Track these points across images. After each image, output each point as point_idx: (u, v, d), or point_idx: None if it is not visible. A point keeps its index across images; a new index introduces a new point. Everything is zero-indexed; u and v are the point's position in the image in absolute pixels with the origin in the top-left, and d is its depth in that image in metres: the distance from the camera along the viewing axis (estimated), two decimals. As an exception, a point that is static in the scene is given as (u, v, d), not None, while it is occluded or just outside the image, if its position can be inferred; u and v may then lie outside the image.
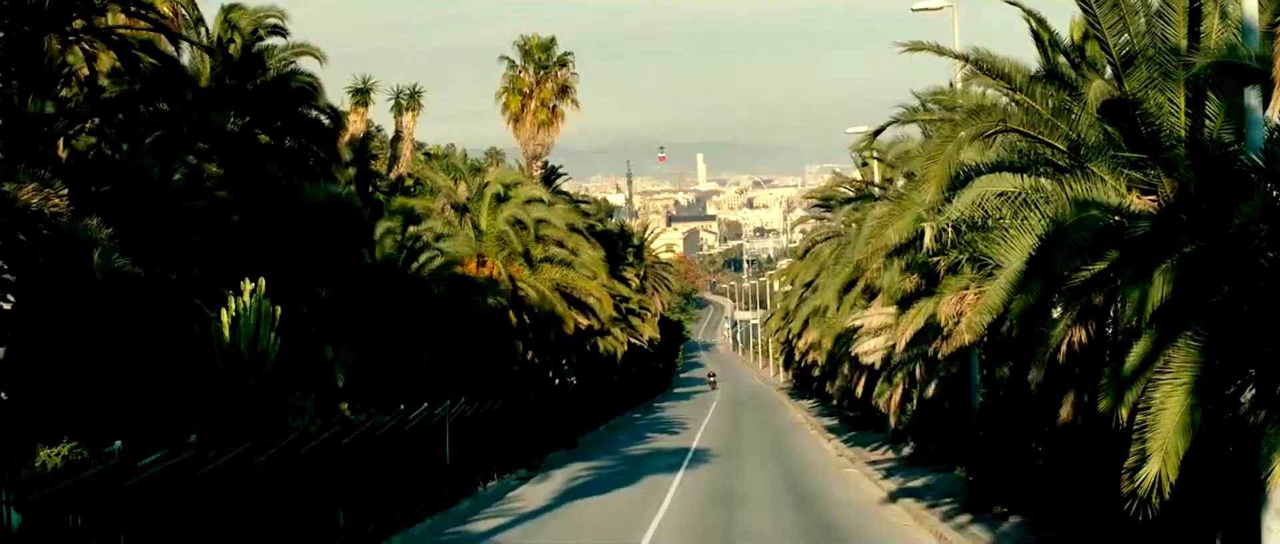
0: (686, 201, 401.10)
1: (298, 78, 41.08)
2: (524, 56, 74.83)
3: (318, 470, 27.25)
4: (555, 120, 74.52)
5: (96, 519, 17.90)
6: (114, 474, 18.42)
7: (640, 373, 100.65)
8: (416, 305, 43.60)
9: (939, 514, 30.83)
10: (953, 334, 22.62)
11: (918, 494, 35.05)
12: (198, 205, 33.25)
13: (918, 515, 31.77)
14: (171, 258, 29.45)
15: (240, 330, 27.87)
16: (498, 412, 44.83)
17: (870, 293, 42.10)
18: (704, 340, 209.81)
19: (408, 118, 62.71)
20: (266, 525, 24.14)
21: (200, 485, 21.34)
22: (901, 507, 33.96)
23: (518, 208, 53.62)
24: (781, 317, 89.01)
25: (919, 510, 32.20)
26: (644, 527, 31.51)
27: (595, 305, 55.68)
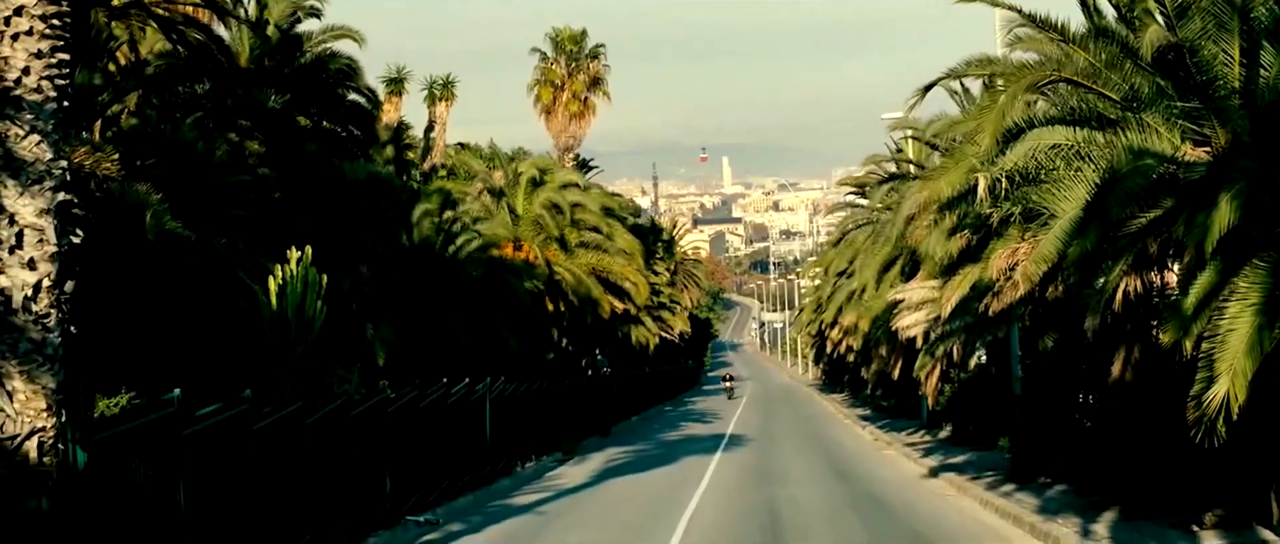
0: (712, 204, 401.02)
1: (336, 59, 41.22)
2: (555, 48, 75.03)
3: (365, 436, 27.36)
4: (586, 112, 74.70)
5: (156, 465, 17.99)
6: (173, 421, 18.53)
7: (671, 368, 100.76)
8: (454, 287, 43.75)
9: (982, 485, 30.77)
10: (1002, 291, 22.60)
11: (959, 469, 34.97)
12: (241, 180, 33.44)
13: (961, 487, 31.73)
14: (216, 230, 29.61)
15: (287, 298, 28.05)
16: (535, 393, 44.97)
17: (910, 271, 42.07)
18: (732, 340, 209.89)
19: (441, 107, 62.93)
20: (316, 485, 24.24)
21: (254, 440, 21.46)
22: (944, 480, 33.92)
23: (553, 192, 53.75)
24: (813, 308, 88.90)
25: (962, 482, 32.15)
26: (686, 499, 31.53)
27: (631, 289, 55.75)
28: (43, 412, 14.66)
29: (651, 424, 67.88)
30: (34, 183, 14.49)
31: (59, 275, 14.70)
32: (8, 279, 14.48)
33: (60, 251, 14.72)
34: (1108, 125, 20.25)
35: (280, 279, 28.03)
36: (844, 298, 58.87)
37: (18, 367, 14.55)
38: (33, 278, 14.53)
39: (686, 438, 55.70)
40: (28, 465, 14.61)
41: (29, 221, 14.46)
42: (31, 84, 14.48)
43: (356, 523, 26.29)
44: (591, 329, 58.39)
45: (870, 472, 38.25)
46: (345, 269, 37.67)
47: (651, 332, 73.93)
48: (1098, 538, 21.09)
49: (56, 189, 14.75)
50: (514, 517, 30.13)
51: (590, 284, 52.65)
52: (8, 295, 14.49)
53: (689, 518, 27.72)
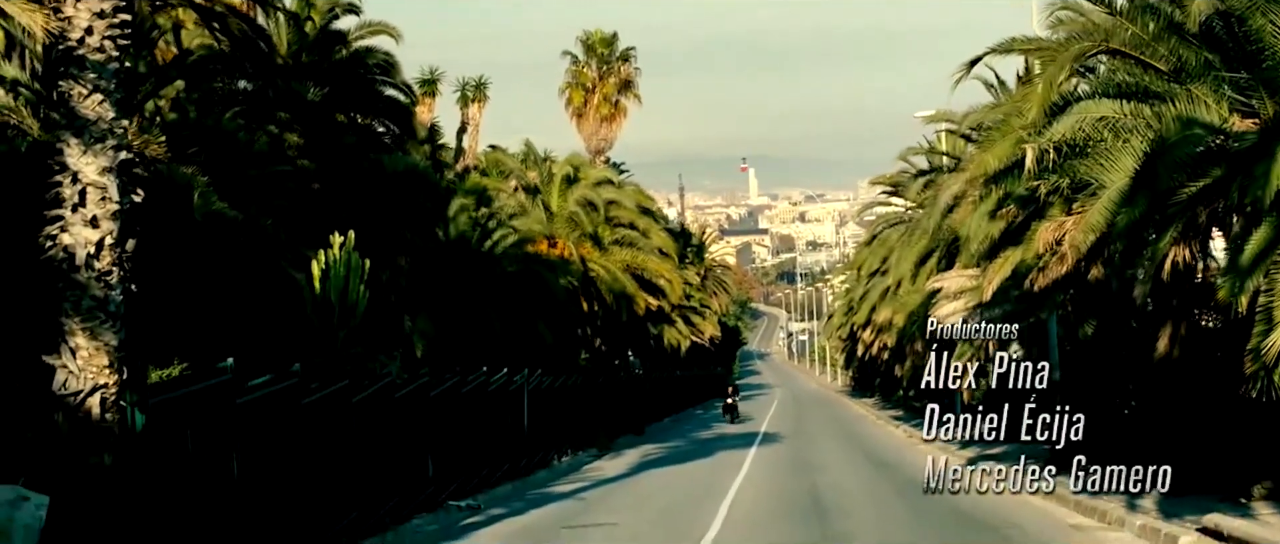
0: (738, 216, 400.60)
1: (374, 54, 41.42)
2: (586, 51, 75.16)
3: (408, 419, 27.53)
4: (617, 115, 74.80)
5: (210, 432, 18.14)
6: (227, 390, 18.68)
7: (701, 373, 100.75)
8: (490, 282, 43.91)
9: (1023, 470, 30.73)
10: (1048, 266, 22.63)
11: (997, 459, 34.91)
12: (282, 170, 33.64)
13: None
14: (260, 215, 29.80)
15: (330, 282, 28.20)
16: (571, 388, 45.11)
17: (947, 263, 42.05)
18: (759, 350, 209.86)
19: (474, 109, 63.12)
20: (361, 465, 24.38)
21: (303, 415, 21.61)
22: (983, 469, 33.86)
23: (588, 189, 53.90)
24: (844, 311, 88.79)
25: (1003, 468, 32.10)
26: (726, 486, 31.58)
27: (665, 286, 55.86)
28: (105, 368, 14.82)
29: (683, 425, 67.93)
30: (97, 141, 14.66)
31: (121, 233, 14.86)
32: (71, 236, 14.65)
33: (122, 210, 14.89)
34: (1154, 99, 20.31)
35: (323, 263, 28.19)
36: (877, 296, 58.86)
37: (81, 323, 14.71)
38: (95, 236, 14.70)
39: (720, 436, 55.75)
40: (90, 421, 14.76)
41: (92, 180, 14.63)
42: (94, 43, 14.65)
43: (400, 504, 26.44)
44: (624, 330, 58.50)
45: (908, 461, 38.25)
46: (384, 261, 37.83)
47: (683, 334, 73.98)
48: (1144, 511, 21.10)
49: (118, 148, 14.92)
50: (555, 502, 30.23)
51: (625, 280, 52.77)
52: (71, 253, 14.66)
53: (730, 501, 27.80)
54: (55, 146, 14.75)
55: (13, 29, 30.43)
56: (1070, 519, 23.32)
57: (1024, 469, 30.35)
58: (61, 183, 14.60)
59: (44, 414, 15.13)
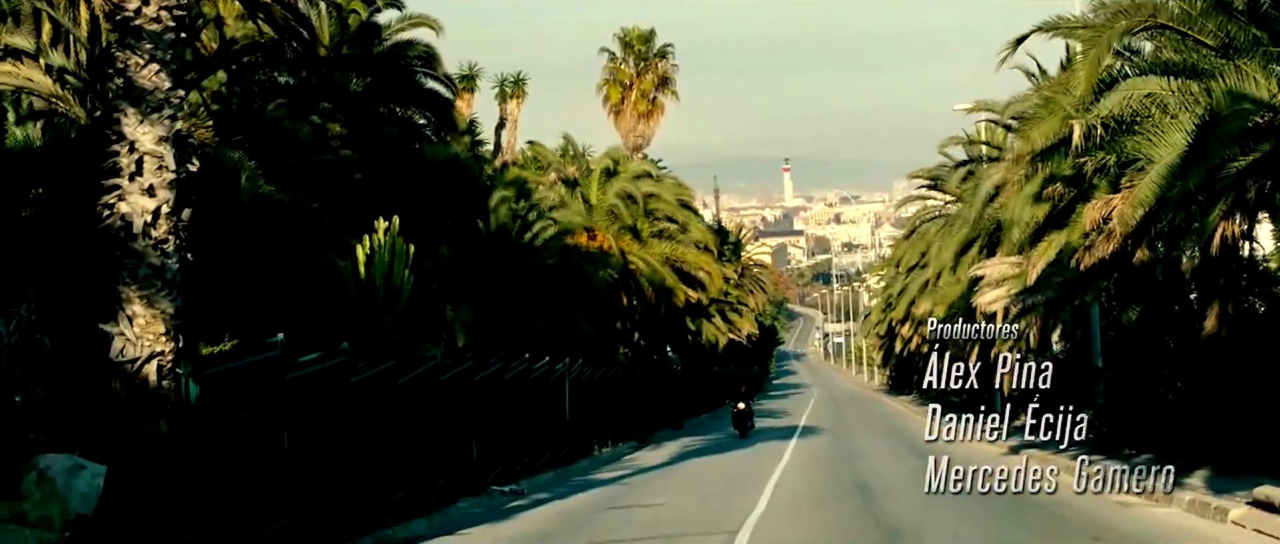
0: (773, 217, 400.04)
1: (415, 46, 41.64)
2: (624, 48, 75.33)
3: (453, 403, 27.63)
4: (655, 112, 74.95)
5: (261, 406, 18.27)
6: (277, 365, 18.80)
7: (738, 371, 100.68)
8: (530, 273, 44.05)
9: (1066, 457, 30.70)
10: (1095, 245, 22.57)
11: (1040, 447, 34.88)
12: (325, 158, 33.85)
13: (1044, 459, 31.57)
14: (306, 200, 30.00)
15: (375, 267, 28.37)
16: (611, 380, 45.21)
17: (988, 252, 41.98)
18: (795, 350, 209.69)
19: (512, 105, 63.33)
20: (407, 445, 24.49)
21: (351, 393, 21.73)
22: (1025, 455, 33.80)
23: (628, 182, 53.99)
24: (882, 308, 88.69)
25: (1044, 455, 32.03)
26: (769, 472, 31.60)
27: (705, 279, 55.91)
28: (161, 336, 14.97)
29: (721, 421, 67.87)
30: (153, 111, 14.80)
31: (177, 202, 15.00)
32: (128, 205, 14.79)
33: (178, 179, 15.02)
34: (1202, 76, 20.27)
35: (368, 248, 28.36)
36: (917, 289, 58.79)
37: (138, 291, 14.85)
38: (152, 204, 14.84)
39: (759, 429, 55.67)
40: (147, 388, 14.90)
41: (148, 149, 14.77)
42: (151, 14, 14.79)
43: (445, 487, 26.56)
44: (663, 325, 58.56)
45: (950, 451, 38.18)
46: (426, 250, 38.02)
47: (721, 330, 74.03)
48: (1192, 487, 21.07)
49: (174, 118, 15.07)
50: (598, 487, 30.33)
51: (665, 273, 52.85)
52: (128, 221, 14.80)
53: (774, 485, 27.83)
54: (112, 118, 14.90)
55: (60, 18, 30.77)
56: (1117, 498, 23.28)
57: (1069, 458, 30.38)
58: (118, 152, 14.75)
59: (101, 382, 15.27)
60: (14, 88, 30.29)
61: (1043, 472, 30.06)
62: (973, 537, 18.91)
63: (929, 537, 18.84)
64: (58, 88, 30.51)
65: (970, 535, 18.96)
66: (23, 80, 30.04)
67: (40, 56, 30.50)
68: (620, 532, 21.00)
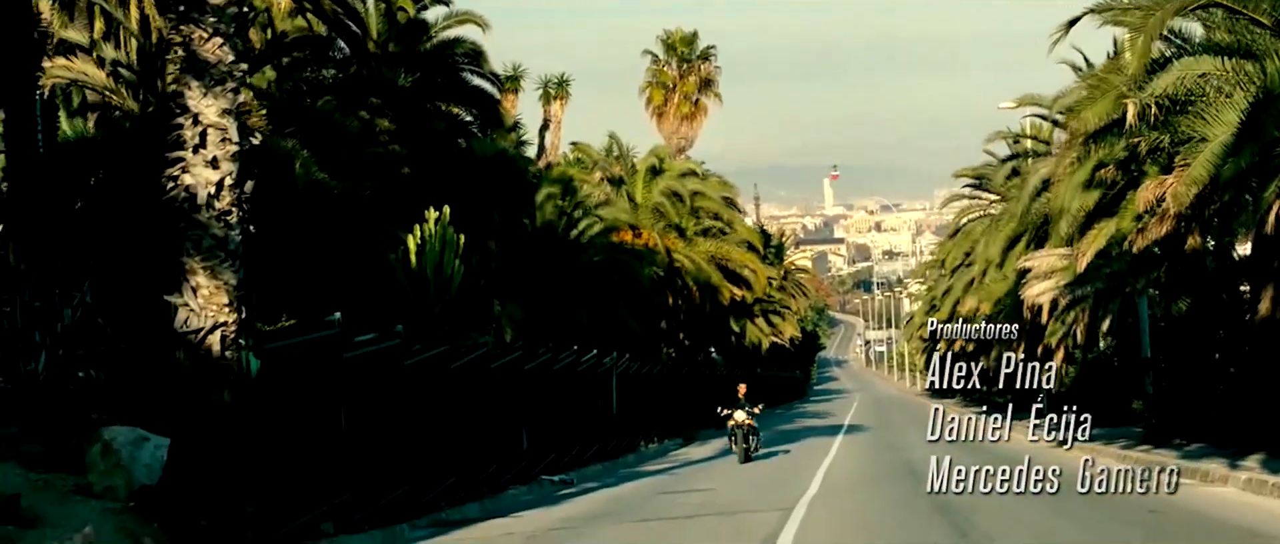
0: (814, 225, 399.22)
1: (462, 43, 41.85)
2: (667, 50, 75.40)
3: (503, 390, 27.76)
4: (698, 114, 74.95)
5: (318, 384, 18.43)
6: (334, 344, 18.96)
7: (780, 374, 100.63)
8: (576, 270, 44.24)
9: (1117, 447, 30.68)
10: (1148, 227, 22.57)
11: (1089, 441, 34.78)
12: (374, 151, 34.08)
13: (1095, 451, 31.54)
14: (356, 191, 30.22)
15: (426, 256, 28.54)
16: (656, 377, 45.36)
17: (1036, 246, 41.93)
18: (836, 357, 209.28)
19: (556, 106, 63.40)
20: (459, 431, 24.62)
21: (405, 376, 21.88)
22: (1076, 449, 33.74)
23: (673, 180, 54.12)
24: (925, 309, 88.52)
25: (1095, 447, 31.97)
26: (817, 463, 31.64)
27: (750, 277, 55.98)
28: (225, 307, 15.11)
29: (765, 421, 67.87)
30: (216, 84, 14.95)
31: (239, 175, 15.15)
32: (192, 177, 14.95)
33: (240, 151, 15.18)
34: (1255, 56, 20.25)
35: (419, 238, 28.53)
36: (961, 288, 58.71)
37: (201, 262, 15.00)
38: (215, 176, 14.99)
39: (804, 428, 55.76)
40: (211, 359, 15.06)
41: (212, 121, 14.92)
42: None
43: (497, 473, 26.68)
44: (707, 324, 58.63)
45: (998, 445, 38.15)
46: (474, 245, 38.20)
47: (764, 332, 74.05)
48: (1247, 468, 21.03)
49: (237, 91, 15.23)
50: (648, 478, 30.41)
51: (710, 270, 52.94)
52: (192, 193, 14.95)
53: (824, 473, 27.89)
54: (175, 92, 15.08)
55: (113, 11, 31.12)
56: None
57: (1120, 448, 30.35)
58: (182, 125, 14.91)
59: (165, 354, 15.45)
60: (69, 81, 30.71)
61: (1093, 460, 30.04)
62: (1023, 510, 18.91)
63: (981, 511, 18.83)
64: (111, 81, 30.91)
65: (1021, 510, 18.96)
66: (78, 74, 30.45)
67: (93, 50, 30.90)
68: (673, 512, 21.10)
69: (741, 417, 33.42)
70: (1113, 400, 39.32)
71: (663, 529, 18.83)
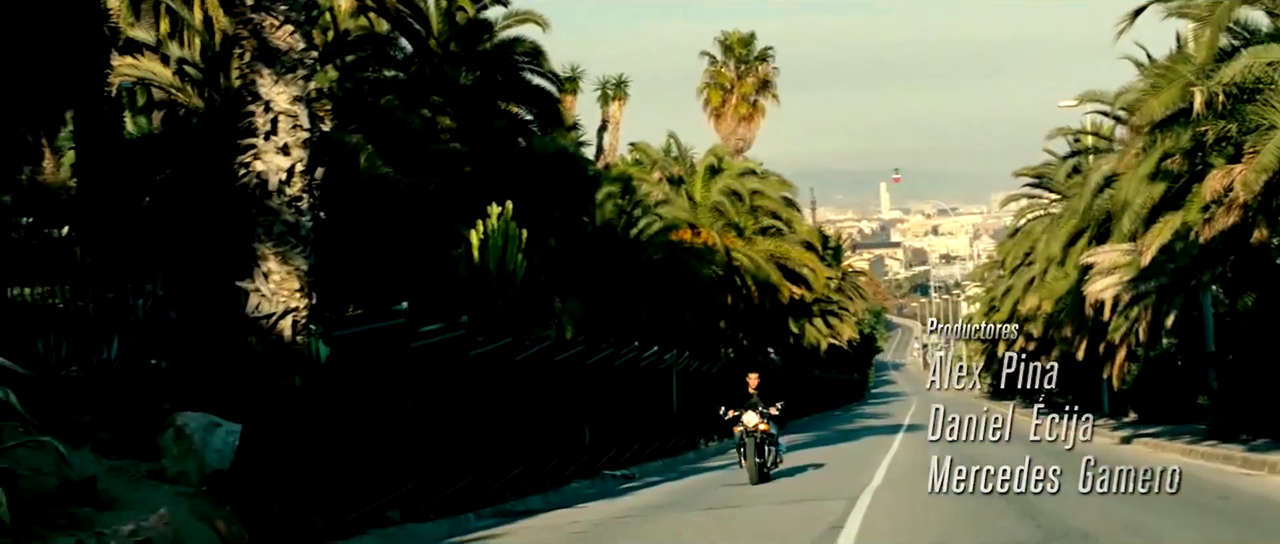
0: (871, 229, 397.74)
1: (522, 43, 42.00)
2: (725, 52, 75.41)
3: (566, 384, 27.87)
4: (755, 115, 74.93)
5: (385, 372, 18.55)
6: (401, 333, 19.10)
7: (838, 376, 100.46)
8: (635, 268, 44.30)
9: (1181, 443, 30.48)
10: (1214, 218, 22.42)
11: (1152, 437, 34.62)
12: (436, 148, 34.28)
13: (1159, 446, 31.45)
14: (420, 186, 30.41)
15: (489, 251, 28.67)
16: (716, 375, 45.35)
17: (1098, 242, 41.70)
18: (894, 361, 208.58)
19: (614, 107, 63.52)
20: (523, 423, 24.73)
21: (470, 366, 22.01)
22: (1139, 444, 33.61)
23: (732, 179, 54.13)
24: (984, 311, 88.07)
25: (1159, 443, 31.87)
26: (880, 457, 31.60)
27: (809, 276, 55.91)
28: (296, 292, 15.27)
29: (822, 422, 67.86)
30: (288, 72, 15.12)
31: (310, 162, 15.31)
32: (264, 164, 15.11)
33: (311, 139, 15.32)
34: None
35: (481, 233, 28.67)
36: (1022, 287, 58.43)
37: (273, 248, 15.16)
38: (287, 162, 15.15)
39: (863, 428, 55.74)
40: (282, 343, 15.20)
41: (283, 108, 15.08)
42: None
43: (560, 466, 26.79)
44: (766, 323, 58.59)
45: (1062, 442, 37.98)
46: (535, 242, 38.37)
47: (822, 332, 73.90)
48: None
49: (308, 78, 15.38)
50: (710, 472, 30.44)
51: (769, 269, 52.91)
52: (263, 179, 15.12)
53: (887, 465, 27.85)
54: (247, 80, 15.25)
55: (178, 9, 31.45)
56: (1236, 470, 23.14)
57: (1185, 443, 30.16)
58: (254, 112, 15.09)
59: (237, 339, 15.61)
60: (135, 80, 31.07)
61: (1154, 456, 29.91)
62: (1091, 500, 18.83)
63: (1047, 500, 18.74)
64: (176, 79, 31.24)
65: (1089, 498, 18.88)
66: (145, 72, 30.82)
67: (160, 48, 31.24)
68: (737, 501, 21.13)
69: (752, 420, 25.56)
70: (1177, 397, 39.12)
71: (728, 515, 18.88)
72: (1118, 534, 13.99)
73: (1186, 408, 38.16)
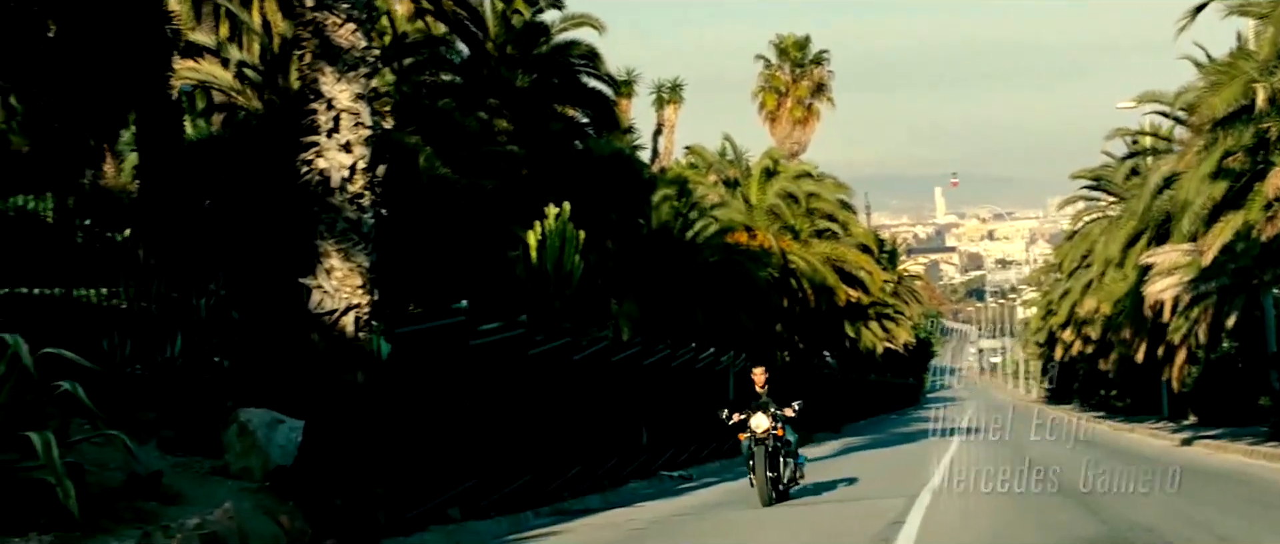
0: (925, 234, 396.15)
1: (578, 46, 42.10)
2: (779, 55, 75.42)
3: (623, 384, 27.91)
4: (810, 118, 74.87)
5: (445, 370, 18.64)
6: (461, 330, 19.20)
7: (894, 381, 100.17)
8: (691, 270, 44.36)
9: (1243, 444, 30.24)
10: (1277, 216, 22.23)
11: (1213, 439, 34.35)
12: (492, 150, 34.41)
13: (1220, 447, 31.21)
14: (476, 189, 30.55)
15: (546, 252, 28.76)
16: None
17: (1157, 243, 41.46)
18: (950, 365, 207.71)
19: (669, 110, 63.52)
20: (581, 422, 24.79)
21: (528, 365, 22.08)
22: (1199, 446, 33.36)
23: (788, 181, 54.09)
24: (1042, 314, 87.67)
25: (1220, 444, 31.62)
26: (939, 458, 31.34)
27: (866, 278, 55.79)
28: (358, 288, 15.33)
29: (878, 426, 67.68)
30: (350, 69, 15.20)
31: (372, 159, 15.37)
32: (326, 161, 15.18)
33: (373, 136, 15.40)
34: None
35: (539, 234, 28.75)
36: (1079, 290, 58.10)
37: (335, 245, 15.24)
38: (349, 160, 15.22)
39: (920, 431, 55.44)
40: (345, 340, 15.29)
41: (345, 106, 15.16)
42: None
43: (617, 466, 26.83)
44: (822, 326, 58.49)
45: (1119, 440, 37.86)
46: (591, 244, 38.45)
47: (878, 336, 73.68)
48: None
49: (369, 76, 15.46)
50: (767, 473, 30.33)
51: (825, 272, 52.82)
52: (326, 177, 15.19)
53: (947, 464, 27.66)
54: (310, 77, 15.34)
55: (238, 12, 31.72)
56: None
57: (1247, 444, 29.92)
58: (317, 110, 15.16)
59: (299, 336, 15.70)
60: (196, 83, 31.38)
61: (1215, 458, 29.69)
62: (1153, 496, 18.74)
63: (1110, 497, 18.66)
64: (237, 82, 31.53)
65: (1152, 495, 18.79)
66: (206, 75, 31.12)
67: (220, 51, 31.53)
68: (799, 499, 21.10)
69: (762, 424, 20.14)
70: (1237, 399, 38.79)
71: (790, 511, 18.86)
72: (1182, 529, 13.91)
73: (1248, 410, 37.85)
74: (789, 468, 20.45)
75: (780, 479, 20.22)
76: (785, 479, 20.37)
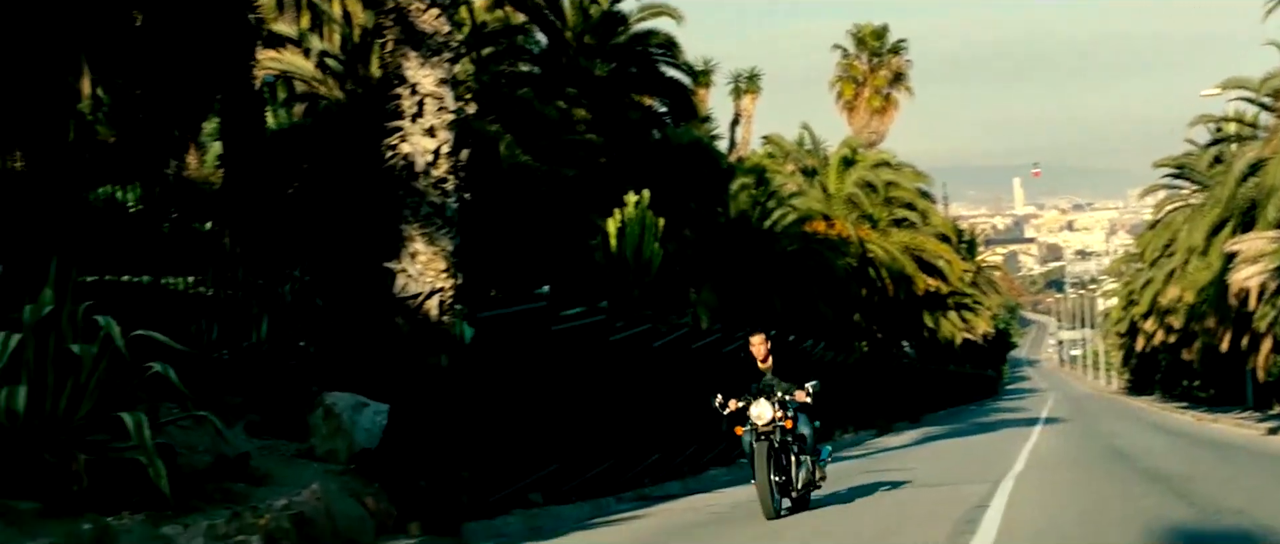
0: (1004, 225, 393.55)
1: (655, 35, 42.14)
2: (857, 45, 75.14)
3: (702, 371, 27.84)
4: (888, 108, 74.53)
5: (527, 354, 18.71)
6: (543, 315, 19.27)
7: (973, 372, 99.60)
8: (769, 259, 44.29)
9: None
10: (1367, 199, 21.89)
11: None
12: (571, 139, 34.51)
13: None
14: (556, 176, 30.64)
15: (625, 240, 28.79)
16: (851, 366, 45.23)
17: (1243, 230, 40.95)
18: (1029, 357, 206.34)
19: (747, 100, 63.46)
20: (661, 410, 24.79)
21: (609, 351, 22.13)
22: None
23: (867, 170, 53.90)
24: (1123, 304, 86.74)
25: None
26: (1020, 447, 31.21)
27: (944, 268, 55.49)
28: (442, 273, 15.44)
29: (958, 416, 67.31)
30: (433, 54, 15.30)
31: (455, 144, 15.47)
32: (410, 146, 15.30)
33: (456, 120, 15.51)
34: None
35: (619, 222, 28.79)
36: (1162, 279, 57.50)
37: (419, 229, 15.35)
38: (432, 145, 15.32)
39: (1000, 421, 55.16)
40: (429, 323, 15.40)
41: (429, 90, 15.26)
42: (431, -40, 15.29)
43: (696, 455, 26.83)
44: (900, 315, 58.27)
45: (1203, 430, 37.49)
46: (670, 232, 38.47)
47: (957, 326, 73.25)
48: None
49: (452, 61, 15.56)
50: (849, 460, 30.32)
51: (904, 261, 52.61)
52: (410, 161, 15.31)
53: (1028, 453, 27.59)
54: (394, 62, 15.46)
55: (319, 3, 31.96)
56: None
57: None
58: (401, 95, 15.28)
59: (384, 320, 15.84)
60: (278, 73, 31.67)
61: None
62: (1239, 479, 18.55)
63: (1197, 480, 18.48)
64: (318, 72, 31.78)
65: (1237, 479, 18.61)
66: (287, 65, 31.40)
67: (301, 41, 31.81)
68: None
69: (765, 414, 15.75)
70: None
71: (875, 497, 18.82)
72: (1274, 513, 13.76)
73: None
74: (803, 469, 16.04)
75: (791, 483, 15.87)
76: (800, 483, 16.03)
